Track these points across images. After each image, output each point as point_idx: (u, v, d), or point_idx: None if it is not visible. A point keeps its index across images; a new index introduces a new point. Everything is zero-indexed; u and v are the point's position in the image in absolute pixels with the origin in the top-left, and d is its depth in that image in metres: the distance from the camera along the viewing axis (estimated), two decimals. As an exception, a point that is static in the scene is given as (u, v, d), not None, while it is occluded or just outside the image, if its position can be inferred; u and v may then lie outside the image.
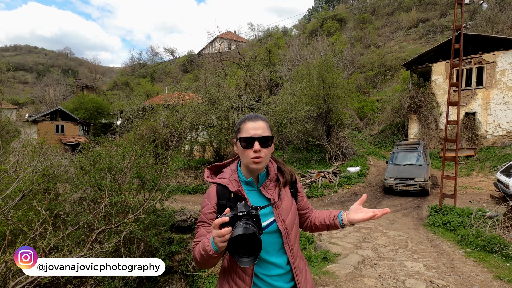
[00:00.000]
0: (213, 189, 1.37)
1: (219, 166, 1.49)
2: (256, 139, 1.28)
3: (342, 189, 11.72)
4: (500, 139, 13.74)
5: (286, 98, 12.97)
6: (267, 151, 1.31)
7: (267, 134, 1.31)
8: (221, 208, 1.32)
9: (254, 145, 1.27)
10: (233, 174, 1.38)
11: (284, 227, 1.33)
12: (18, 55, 76.35)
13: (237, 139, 1.34)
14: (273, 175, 1.39)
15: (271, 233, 1.32)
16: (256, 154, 1.27)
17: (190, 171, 14.02)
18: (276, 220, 1.33)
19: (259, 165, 1.29)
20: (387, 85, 23.67)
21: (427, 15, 30.52)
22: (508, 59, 13.55)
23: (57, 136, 26.08)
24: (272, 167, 1.41)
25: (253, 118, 1.33)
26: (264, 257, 1.31)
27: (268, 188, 1.37)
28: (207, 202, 1.35)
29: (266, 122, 1.35)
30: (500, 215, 5.92)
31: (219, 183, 1.36)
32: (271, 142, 1.33)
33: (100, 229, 2.44)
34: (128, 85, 41.08)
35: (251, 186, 1.37)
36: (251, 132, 1.29)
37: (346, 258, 4.77)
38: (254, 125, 1.31)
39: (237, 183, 1.34)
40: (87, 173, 5.09)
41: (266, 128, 1.33)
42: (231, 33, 47.08)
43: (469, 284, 3.81)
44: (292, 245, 1.36)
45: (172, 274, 6.61)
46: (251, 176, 1.36)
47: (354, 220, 1.31)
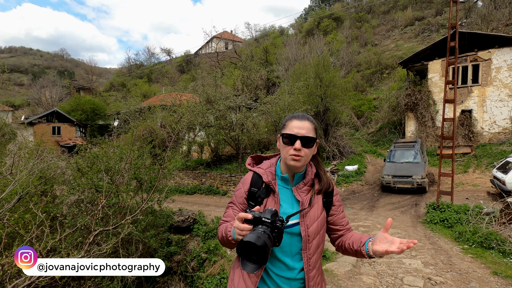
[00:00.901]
0: (249, 176, 1.41)
1: (262, 157, 1.53)
2: (299, 137, 1.28)
3: (340, 188, 11.75)
4: (496, 136, 13.83)
5: (284, 97, 12.98)
6: (308, 151, 1.31)
7: (311, 135, 1.31)
8: (251, 195, 1.36)
9: (295, 143, 1.27)
10: (271, 167, 1.40)
11: (306, 233, 1.31)
12: (13, 57, 75.76)
13: (281, 134, 1.35)
14: (309, 179, 1.38)
15: (291, 235, 1.31)
16: (296, 152, 1.28)
17: (188, 172, 14.00)
18: (300, 223, 1.31)
19: (297, 163, 1.29)
20: (384, 84, 23.75)
21: (422, 13, 30.65)
22: (503, 57, 13.64)
23: (54, 138, 25.94)
24: (311, 171, 1.40)
25: (300, 117, 1.33)
26: (277, 255, 1.30)
27: (301, 190, 1.36)
28: (241, 187, 1.40)
29: (312, 124, 1.34)
30: (496, 212, 5.97)
31: (256, 172, 1.40)
32: (313, 144, 1.33)
33: (97, 231, 2.43)
34: (125, 86, 40.91)
35: (285, 183, 1.37)
36: (295, 130, 1.29)
37: (344, 256, 4.78)
38: (299, 124, 1.31)
39: (271, 175, 1.37)
40: (84, 174, 5.07)
41: (311, 129, 1.32)
42: (227, 33, 47.00)
43: (467, 280, 3.84)
44: (310, 254, 1.32)
45: (171, 275, 6.60)
46: (288, 173, 1.37)
47: (377, 252, 1.18)
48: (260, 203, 1.33)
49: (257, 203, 1.34)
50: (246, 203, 1.37)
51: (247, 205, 1.36)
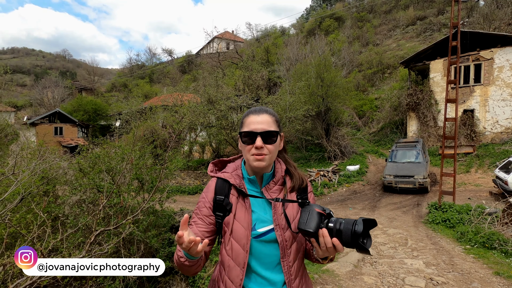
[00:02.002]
0: (212, 183, 1.25)
1: (224, 161, 1.37)
2: (258, 134, 1.14)
3: (341, 188, 11.73)
4: (499, 136, 13.77)
5: (285, 97, 12.98)
6: (272, 147, 1.17)
7: (272, 129, 1.16)
8: (218, 204, 1.19)
9: (256, 141, 1.14)
10: (237, 170, 1.26)
11: (283, 238, 1.16)
12: (15, 57, 76.13)
13: (239, 133, 1.21)
14: (279, 177, 1.24)
15: (268, 243, 1.16)
16: (258, 151, 1.14)
17: (189, 172, 14.02)
18: (275, 228, 1.16)
19: (261, 163, 1.15)
20: (386, 83, 23.70)
21: (424, 12, 30.54)
22: (505, 56, 13.57)
23: (56, 138, 26.04)
24: (280, 168, 1.26)
25: (257, 111, 1.20)
26: (257, 270, 1.16)
27: (272, 190, 1.22)
28: (204, 196, 1.23)
29: (271, 116, 1.20)
30: (499, 212, 5.94)
31: (220, 177, 1.24)
32: (276, 138, 1.18)
33: (98, 231, 2.44)
34: (127, 87, 41.04)
35: (254, 186, 1.23)
36: (253, 126, 1.16)
37: (346, 256, 4.77)
38: (257, 118, 1.17)
39: (239, 178, 1.23)
40: (86, 175, 5.08)
41: (272, 122, 1.18)
42: (229, 33, 47.03)
43: (469, 281, 3.82)
44: (290, 262, 1.17)
45: (173, 275, 6.61)
46: (255, 174, 1.24)
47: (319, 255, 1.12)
48: (229, 212, 1.18)
49: (226, 213, 1.18)
50: (213, 214, 1.20)
51: (215, 218, 1.20)
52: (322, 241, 1.03)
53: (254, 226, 1.16)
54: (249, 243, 1.14)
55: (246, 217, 1.16)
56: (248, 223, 1.15)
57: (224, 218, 1.18)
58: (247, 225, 1.15)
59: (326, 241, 1.02)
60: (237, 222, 1.16)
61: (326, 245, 1.02)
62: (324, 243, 1.03)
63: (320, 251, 1.06)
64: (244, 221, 1.16)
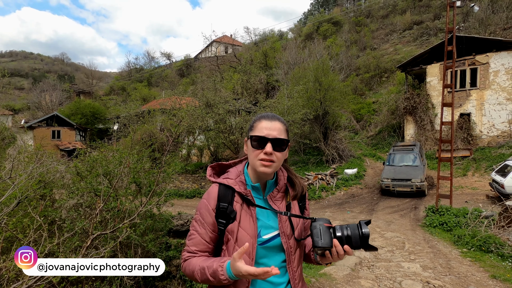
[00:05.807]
0: (214, 189, 1.20)
1: (223, 165, 1.33)
2: (270, 140, 1.13)
3: (339, 191, 11.75)
4: (495, 139, 13.86)
5: (283, 101, 13.04)
6: (280, 155, 1.16)
7: (283, 137, 1.16)
8: (221, 212, 1.15)
9: (266, 147, 1.12)
10: (240, 176, 1.22)
11: (288, 245, 1.17)
12: (14, 61, 76.06)
13: (249, 137, 1.18)
14: (282, 185, 1.24)
15: (273, 248, 1.17)
16: (266, 157, 1.12)
17: (187, 176, 14.00)
18: (280, 235, 1.16)
19: (267, 169, 1.13)
20: (383, 87, 23.86)
21: (421, 17, 30.86)
22: (501, 60, 13.72)
23: (54, 142, 25.95)
24: (282, 176, 1.25)
25: (269, 117, 1.19)
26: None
27: (275, 199, 1.22)
28: (206, 203, 1.18)
29: (283, 124, 1.20)
30: (495, 215, 5.97)
31: (223, 183, 1.20)
32: (286, 146, 1.18)
33: (95, 235, 2.44)
34: (125, 90, 41.01)
35: (257, 193, 1.21)
36: (265, 132, 1.14)
37: (343, 260, 4.77)
38: (269, 124, 1.16)
39: (244, 186, 1.19)
40: (84, 178, 5.07)
41: (283, 130, 1.18)
42: (227, 37, 47.24)
43: (465, 284, 3.83)
44: (295, 267, 1.19)
45: (170, 280, 6.57)
46: (259, 181, 1.21)
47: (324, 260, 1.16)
48: (233, 220, 1.14)
49: (229, 220, 1.15)
50: (216, 222, 1.17)
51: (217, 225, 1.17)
52: (334, 251, 1.07)
53: (259, 233, 1.16)
54: (254, 250, 1.13)
55: (251, 225, 1.15)
56: (253, 231, 1.14)
57: (227, 226, 1.16)
58: (252, 233, 1.14)
59: (339, 250, 1.07)
60: (242, 230, 1.14)
61: (339, 253, 1.07)
62: (336, 252, 1.07)
63: (332, 259, 1.11)
64: (249, 229, 1.14)
